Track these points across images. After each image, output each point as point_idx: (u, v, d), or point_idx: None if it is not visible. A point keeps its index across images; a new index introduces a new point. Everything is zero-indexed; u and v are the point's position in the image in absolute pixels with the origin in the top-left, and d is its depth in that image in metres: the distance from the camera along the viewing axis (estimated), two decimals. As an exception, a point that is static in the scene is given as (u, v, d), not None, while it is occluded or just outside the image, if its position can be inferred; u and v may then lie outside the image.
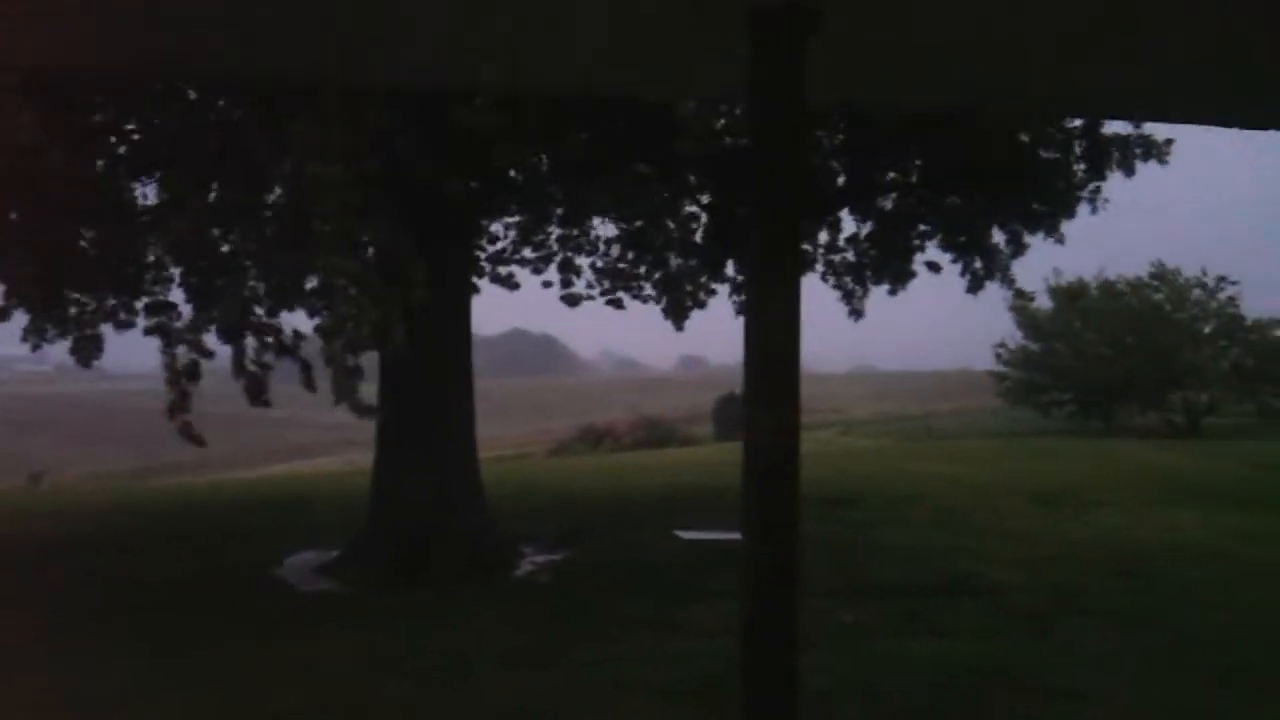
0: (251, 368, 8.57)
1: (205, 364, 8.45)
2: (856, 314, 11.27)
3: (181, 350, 8.42)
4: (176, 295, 8.82)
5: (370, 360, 8.40)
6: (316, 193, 6.49)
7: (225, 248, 8.80)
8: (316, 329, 8.02)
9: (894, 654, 5.92)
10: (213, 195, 8.14)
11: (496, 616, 7.03)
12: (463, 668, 5.79)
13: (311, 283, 9.13)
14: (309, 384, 8.56)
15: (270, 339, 8.75)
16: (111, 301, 8.74)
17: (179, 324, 8.71)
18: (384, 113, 6.78)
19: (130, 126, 8.18)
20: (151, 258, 8.75)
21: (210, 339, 8.55)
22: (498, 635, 6.51)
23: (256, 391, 8.64)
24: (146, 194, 8.45)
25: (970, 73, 2.40)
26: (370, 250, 7.42)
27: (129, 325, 8.92)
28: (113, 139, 8.11)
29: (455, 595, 7.68)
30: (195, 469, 27.35)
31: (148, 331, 8.76)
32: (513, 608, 7.29)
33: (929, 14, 1.92)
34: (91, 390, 65.15)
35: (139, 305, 8.84)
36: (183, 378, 8.29)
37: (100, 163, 7.99)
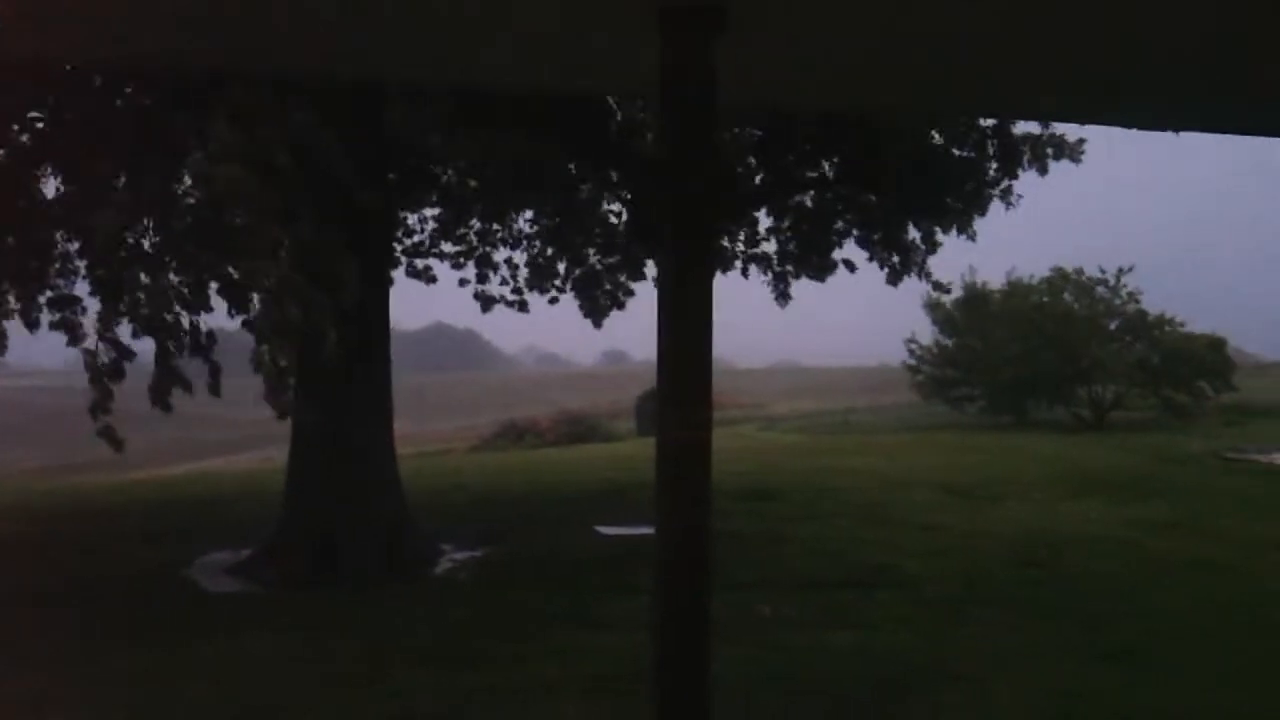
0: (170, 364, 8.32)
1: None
2: (784, 297, 11.40)
3: (102, 348, 8.16)
4: (81, 288, 8.57)
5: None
6: (230, 195, 6.33)
7: (143, 241, 8.54)
8: (245, 324, 7.82)
9: (811, 645, 6.00)
10: (123, 185, 7.91)
11: (413, 615, 6.96)
12: (377, 667, 5.72)
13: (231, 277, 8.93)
14: (215, 389, 8.34)
15: (186, 336, 8.52)
16: (12, 296, 8.42)
17: (83, 319, 8.44)
18: (301, 110, 6.64)
19: (35, 115, 7.91)
20: (58, 251, 8.46)
21: (125, 335, 8.30)
22: (414, 634, 6.44)
23: (165, 390, 8.38)
24: (56, 186, 8.17)
25: (879, 76, 2.44)
26: (288, 251, 7.25)
27: (34, 321, 8.61)
28: (15, 128, 7.82)
29: (371, 594, 7.58)
30: (103, 468, 26.53)
31: (53, 326, 8.48)
32: (430, 606, 7.21)
33: (837, 15, 1.94)
34: (-11, 387, 62.72)
35: (42, 300, 8.54)
36: (104, 377, 8.04)
37: (1, 152, 7.71)
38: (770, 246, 11.33)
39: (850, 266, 11.02)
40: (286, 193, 6.49)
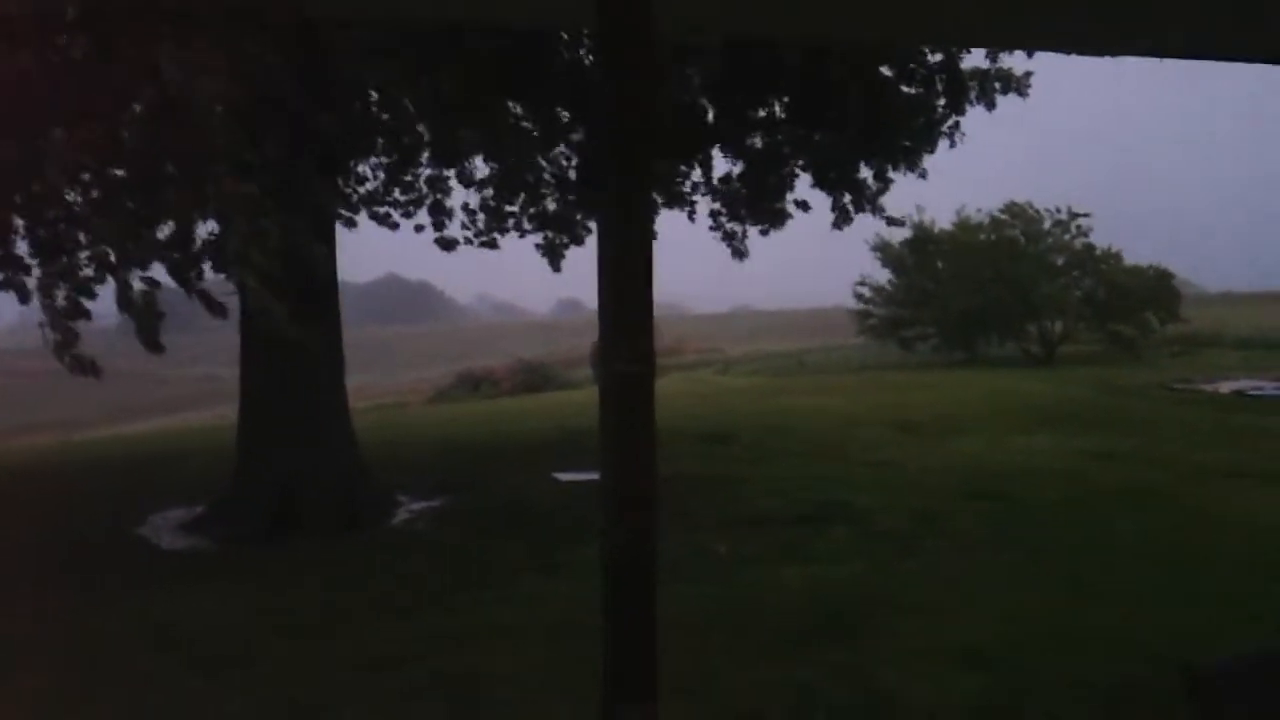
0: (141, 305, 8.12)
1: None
2: (739, 254, 11.36)
3: (59, 293, 7.96)
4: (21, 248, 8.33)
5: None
6: (199, 119, 6.16)
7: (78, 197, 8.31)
8: (211, 258, 7.65)
9: (766, 581, 6.08)
10: (58, 137, 7.67)
11: (371, 566, 6.95)
12: (335, 618, 5.71)
13: (164, 232, 8.72)
14: (219, 310, 8.18)
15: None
16: None
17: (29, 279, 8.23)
18: (253, 43, 6.47)
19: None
20: None
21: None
22: (372, 585, 6.44)
23: (151, 333, 8.17)
24: None
25: (818, 6, 2.41)
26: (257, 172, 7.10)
27: None
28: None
29: (328, 547, 7.56)
30: (54, 429, 26.11)
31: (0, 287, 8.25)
32: (388, 557, 7.20)
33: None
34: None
35: None
36: (64, 316, 7.85)
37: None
38: (718, 205, 11.21)
39: (804, 206, 10.99)
40: (250, 121, 6.35)
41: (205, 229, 8.35)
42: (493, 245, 10.96)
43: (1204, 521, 7.38)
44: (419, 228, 10.58)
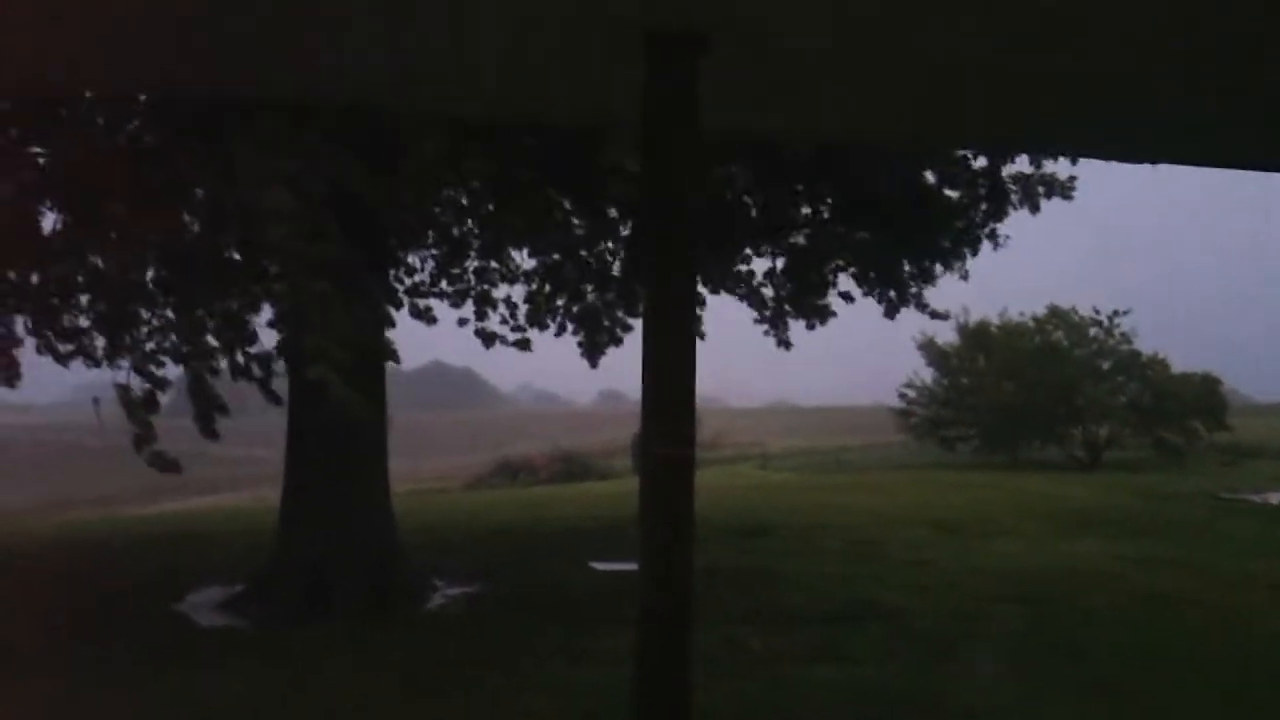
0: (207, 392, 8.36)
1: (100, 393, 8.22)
2: (785, 344, 11.43)
3: (134, 381, 8.19)
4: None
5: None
6: (268, 222, 6.42)
7: (139, 277, 8.60)
8: (277, 348, 7.88)
9: (800, 679, 6.00)
10: (123, 221, 7.98)
11: (403, 649, 6.94)
12: (364, 699, 5.71)
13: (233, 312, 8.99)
14: (273, 399, 8.37)
15: (224, 364, 8.57)
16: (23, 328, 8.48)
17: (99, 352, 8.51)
18: (325, 137, 6.75)
19: (37, 150, 7.99)
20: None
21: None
22: (403, 668, 6.42)
23: (209, 419, 8.39)
24: (56, 222, 8.23)
25: (861, 105, 2.51)
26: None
27: (53, 350, 8.67)
28: (15, 163, 7.89)
29: (363, 629, 7.56)
30: (97, 505, 26.40)
31: (64, 357, 8.53)
32: (421, 640, 7.19)
33: (819, 43, 2.00)
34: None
35: (56, 329, 8.59)
36: (141, 409, 8.07)
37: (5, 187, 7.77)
38: (768, 292, 11.35)
39: (848, 298, 11.07)
40: (316, 215, 6.59)
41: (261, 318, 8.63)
42: (525, 346, 11.07)
43: (1248, 633, 7.19)
44: (462, 321, 10.79)
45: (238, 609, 8.29)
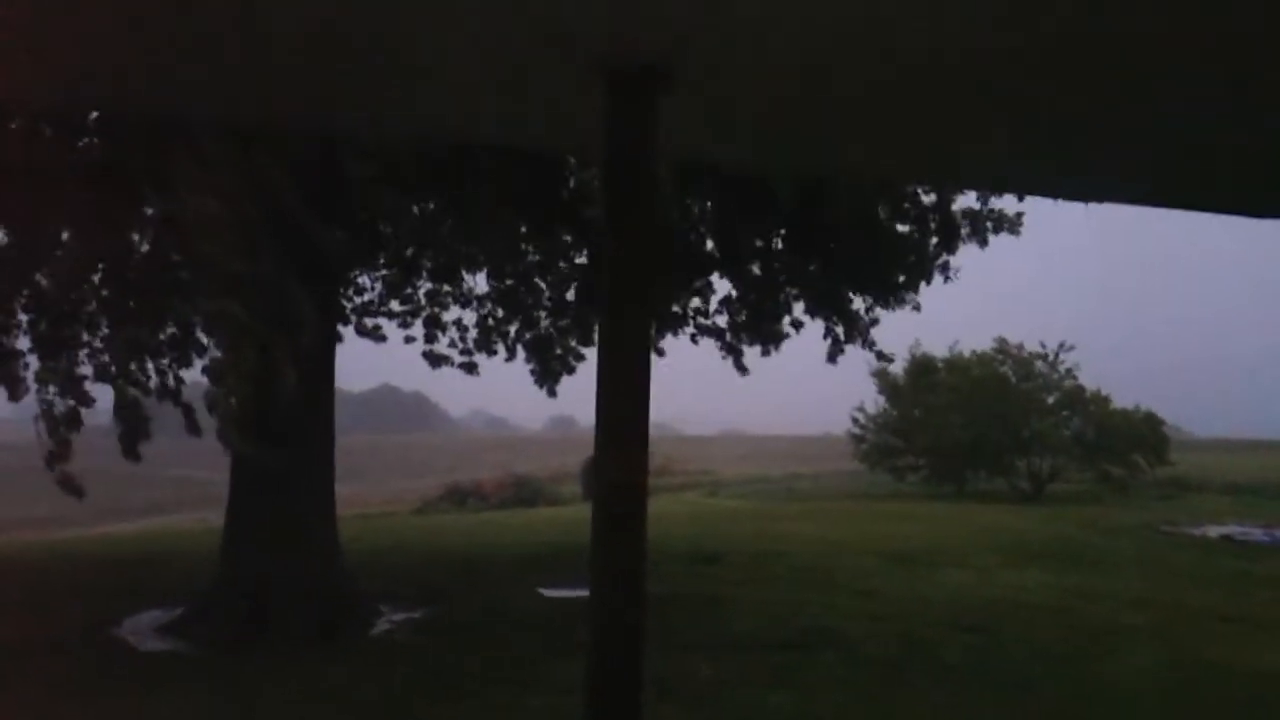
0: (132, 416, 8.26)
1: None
2: (741, 369, 11.51)
3: (58, 399, 8.03)
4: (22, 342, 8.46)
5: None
6: (201, 232, 6.33)
7: (81, 297, 8.47)
8: (203, 370, 7.77)
9: (751, 706, 6.01)
10: (68, 238, 7.84)
11: (347, 675, 6.84)
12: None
13: (168, 332, 8.88)
14: (193, 428, 8.26)
15: (147, 386, 8.46)
16: None
17: (24, 374, 8.34)
18: (266, 158, 6.67)
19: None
20: None
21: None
22: (346, 695, 6.34)
23: (133, 441, 8.28)
24: None
25: (822, 140, 2.54)
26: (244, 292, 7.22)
27: None
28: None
29: (305, 654, 7.44)
30: (32, 526, 25.74)
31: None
32: (365, 666, 7.10)
33: (779, 79, 2.03)
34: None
35: None
36: (62, 426, 7.90)
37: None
38: (722, 319, 11.45)
39: (797, 326, 11.18)
40: (251, 235, 6.50)
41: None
42: (471, 370, 11.04)
43: (1192, 665, 7.31)
44: (409, 339, 10.73)
45: (178, 632, 8.12)
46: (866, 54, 1.91)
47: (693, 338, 11.47)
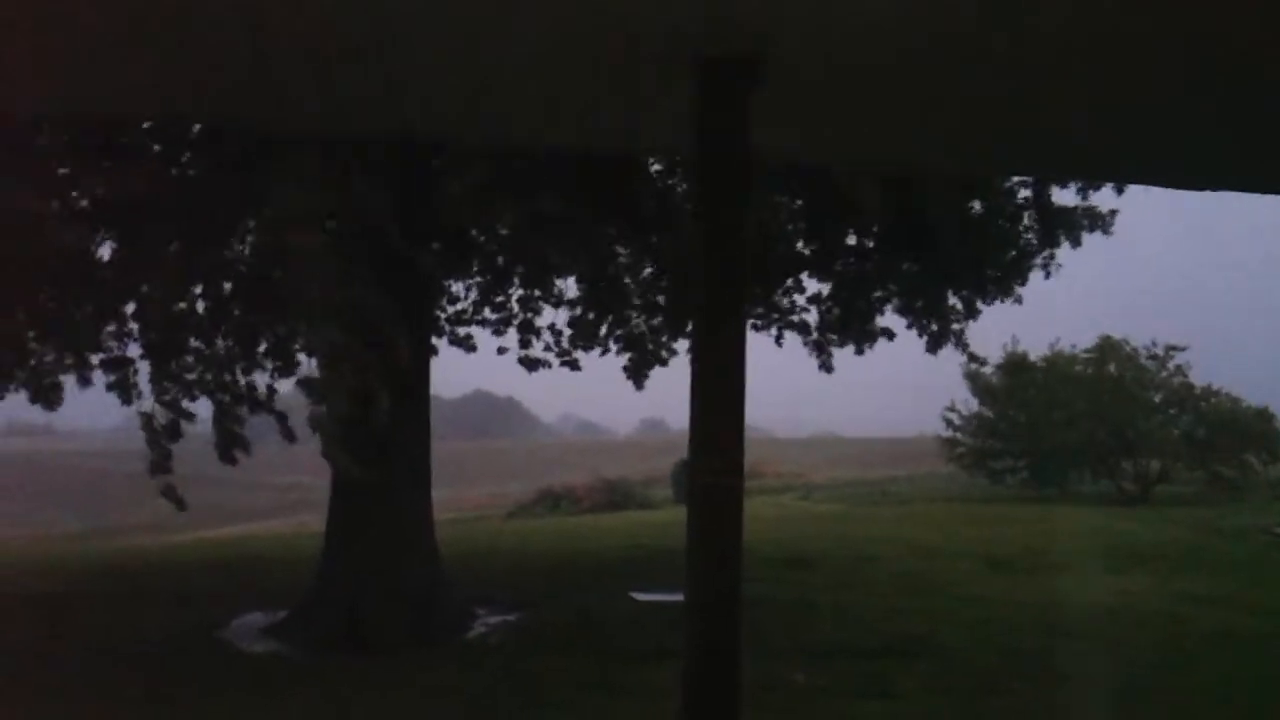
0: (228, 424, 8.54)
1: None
2: (827, 368, 11.37)
3: (158, 410, 8.33)
4: (133, 350, 8.79)
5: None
6: (299, 260, 6.48)
7: (195, 305, 8.77)
8: (298, 383, 7.98)
9: (844, 715, 5.89)
10: (174, 251, 8.10)
11: (443, 680, 6.92)
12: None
13: (267, 343, 9.14)
14: (288, 434, 8.49)
15: (243, 396, 8.73)
16: (68, 356, 8.64)
17: (134, 380, 8.65)
18: (361, 176, 6.78)
19: (92, 180, 8.14)
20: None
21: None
22: (442, 699, 6.40)
23: (228, 446, 8.56)
24: (106, 251, 8.38)
25: (915, 134, 2.47)
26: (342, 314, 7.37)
27: (86, 381, 8.84)
28: (74, 193, 8.04)
29: (403, 658, 7.55)
30: (142, 531, 26.72)
31: (109, 388, 8.68)
32: (461, 670, 7.17)
33: (874, 71, 1.98)
34: (30, 449, 63.41)
35: (95, 360, 8.77)
36: (163, 437, 8.20)
37: (60, 214, 7.92)
38: (811, 317, 11.31)
39: (889, 334, 10.99)
40: (345, 256, 6.63)
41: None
42: (574, 366, 11.09)
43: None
44: (502, 350, 10.82)
45: (282, 635, 8.32)
46: (961, 48, 1.84)
47: (777, 339, 11.34)
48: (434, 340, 10.04)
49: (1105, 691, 6.46)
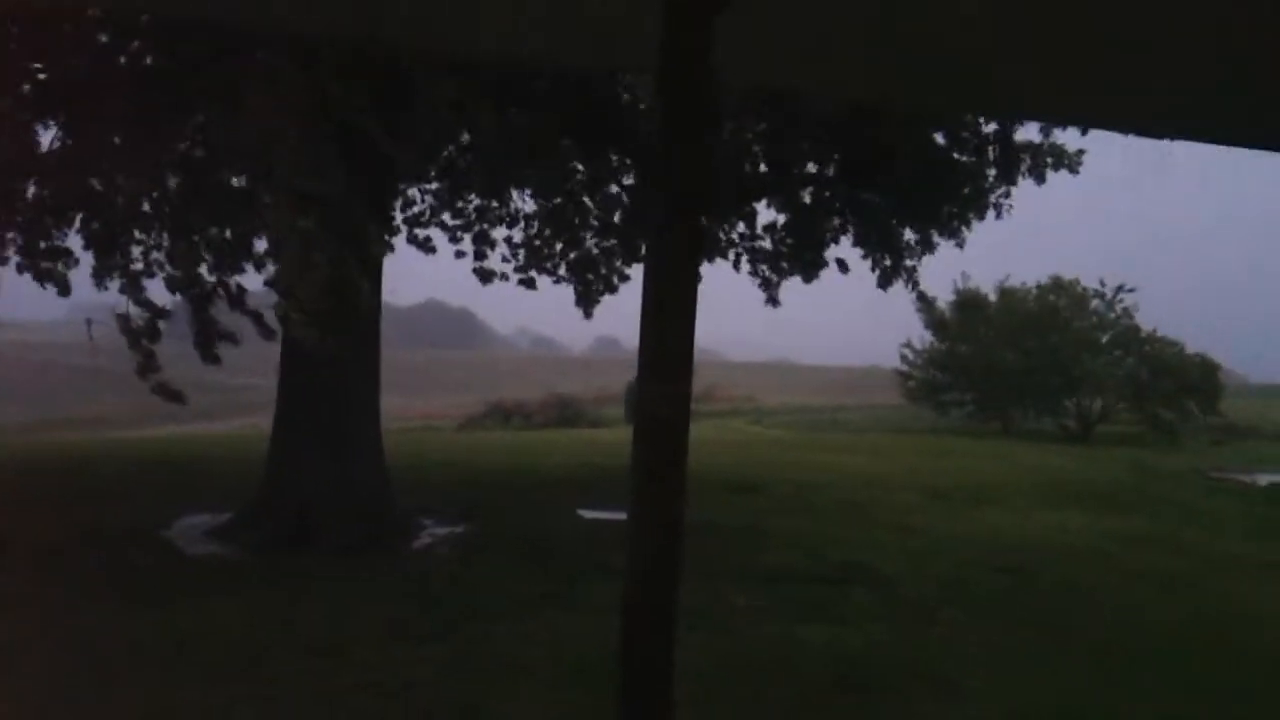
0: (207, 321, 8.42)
1: (94, 317, 8.21)
2: (773, 301, 11.39)
3: (135, 310, 8.19)
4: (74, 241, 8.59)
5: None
6: (270, 149, 6.35)
7: (145, 201, 8.56)
8: (266, 283, 7.85)
9: (782, 638, 6.02)
10: (119, 143, 7.87)
11: (387, 587, 6.96)
12: (344, 639, 5.71)
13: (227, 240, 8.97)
14: (267, 334, 8.38)
15: (212, 294, 8.58)
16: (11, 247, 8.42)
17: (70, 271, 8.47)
18: (336, 80, 6.61)
19: (37, 66, 7.85)
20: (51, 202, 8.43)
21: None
22: (385, 607, 6.44)
23: (208, 347, 8.44)
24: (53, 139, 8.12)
25: (878, 65, 2.44)
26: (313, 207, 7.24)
27: (30, 268, 8.65)
28: (15, 77, 7.75)
29: (348, 563, 7.59)
30: (90, 425, 26.46)
31: (41, 278, 8.49)
32: (405, 579, 7.21)
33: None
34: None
35: (41, 247, 8.57)
36: (143, 338, 8.06)
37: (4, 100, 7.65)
38: (765, 244, 11.28)
39: (843, 266, 11.02)
40: (317, 148, 6.50)
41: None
42: (530, 285, 11.04)
43: (1230, 614, 7.22)
44: (459, 254, 10.71)
45: (226, 537, 8.31)
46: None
47: (735, 264, 11.33)
48: (389, 240, 9.91)
49: (1029, 623, 6.67)
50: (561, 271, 11.31)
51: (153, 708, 4.64)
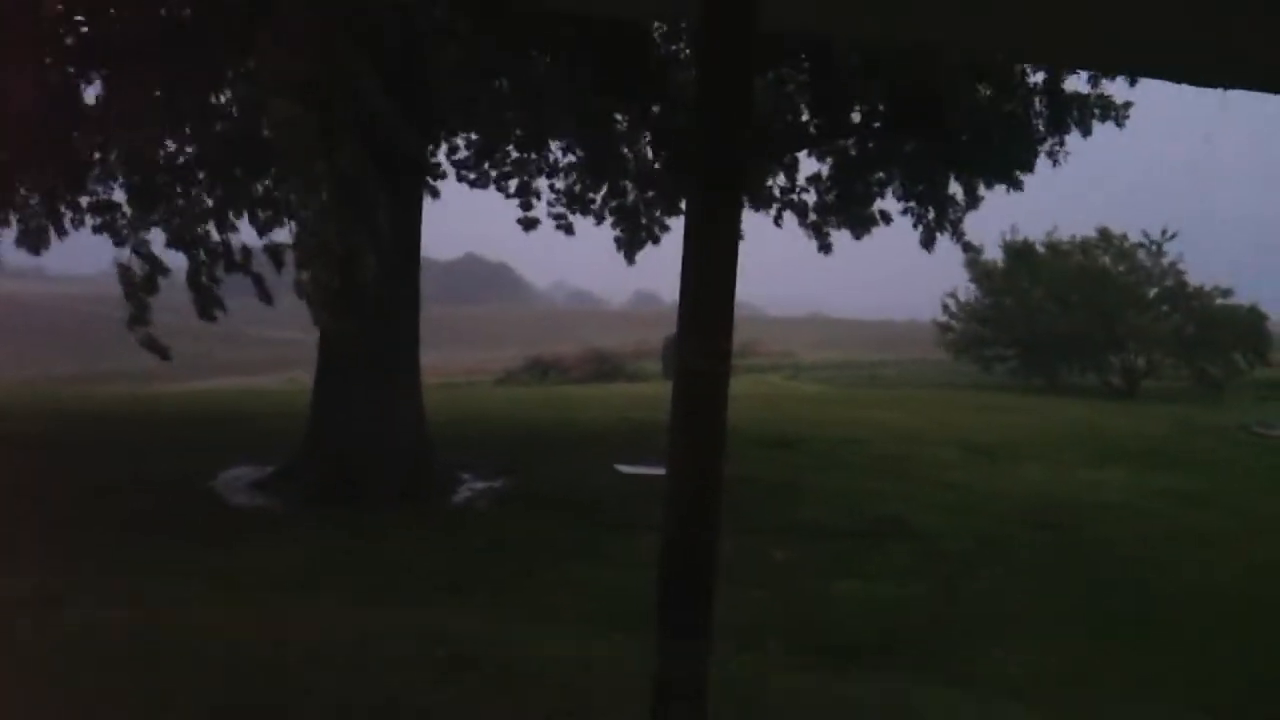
0: (204, 281, 8.55)
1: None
2: (825, 249, 11.28)
3: (136, 262, 8.29)
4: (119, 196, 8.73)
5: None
6: (280, 129, 6.34)
7: (180, 154, 8.65)
8: (292, 247, 7.92)
9: (820, 593, 6.03)
10: (158, 97, 7.90)
11: (427, 540, 7.04)
12: (385, 590, 5.79)
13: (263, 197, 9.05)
14: (265, 296, 8.48)
15: (220, 254, 8.69)
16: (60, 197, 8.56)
17: (123, 224, 8.60)
18: (350, 50, 6.57)
19: (79, 19, 7.87)
20: (97, 156, 8.52)
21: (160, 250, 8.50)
22: (426, 559, 6.52)
23: (206, 304, 8.57)
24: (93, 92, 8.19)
25: (930, 8, 2.37)
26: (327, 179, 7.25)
27: (77, 222, 8.81)
28: (60, 31, 7.79)
29: (389, 517, 7.67)
30: (136, 378, 26.86)
31: (96, 230, 8.63)
32: (445, 533, 7.29)
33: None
34: (25, 290, 63.13)
35: (84, 203, 8.71)
36: (140, 290, 8.17)
37: (48, 59, 7.70)
38: (810, 197, 11.16)
39: (886, 218, 10.87)
40: (331, 123, 6.48)
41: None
42: (569, 230, 11.02)
43: (1266, 571, 7.11)
44: (506, 197, 10.73)
45: (270, 489, 8.43)
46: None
47: (776, 219, 11.22)
48: (434, 184, 9.99)
49: (1072, 581, 6.62)
50: (604, 218, 11.27)
51: (197, 650, 4.72)
